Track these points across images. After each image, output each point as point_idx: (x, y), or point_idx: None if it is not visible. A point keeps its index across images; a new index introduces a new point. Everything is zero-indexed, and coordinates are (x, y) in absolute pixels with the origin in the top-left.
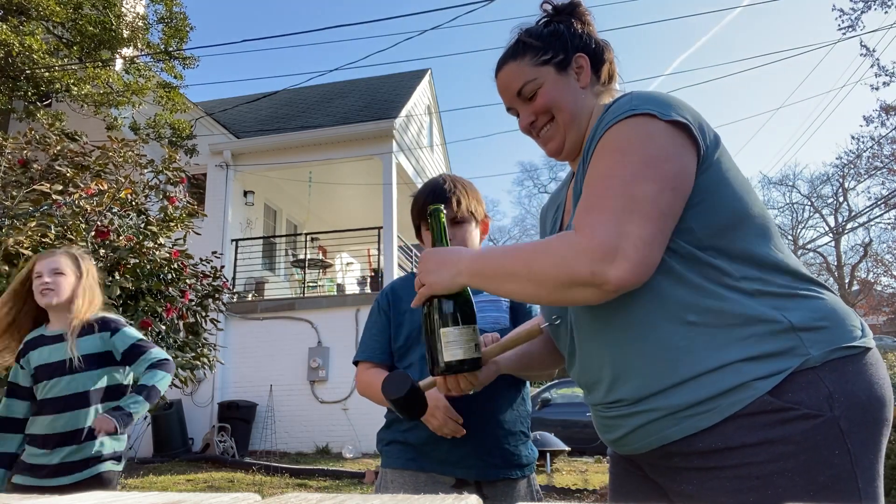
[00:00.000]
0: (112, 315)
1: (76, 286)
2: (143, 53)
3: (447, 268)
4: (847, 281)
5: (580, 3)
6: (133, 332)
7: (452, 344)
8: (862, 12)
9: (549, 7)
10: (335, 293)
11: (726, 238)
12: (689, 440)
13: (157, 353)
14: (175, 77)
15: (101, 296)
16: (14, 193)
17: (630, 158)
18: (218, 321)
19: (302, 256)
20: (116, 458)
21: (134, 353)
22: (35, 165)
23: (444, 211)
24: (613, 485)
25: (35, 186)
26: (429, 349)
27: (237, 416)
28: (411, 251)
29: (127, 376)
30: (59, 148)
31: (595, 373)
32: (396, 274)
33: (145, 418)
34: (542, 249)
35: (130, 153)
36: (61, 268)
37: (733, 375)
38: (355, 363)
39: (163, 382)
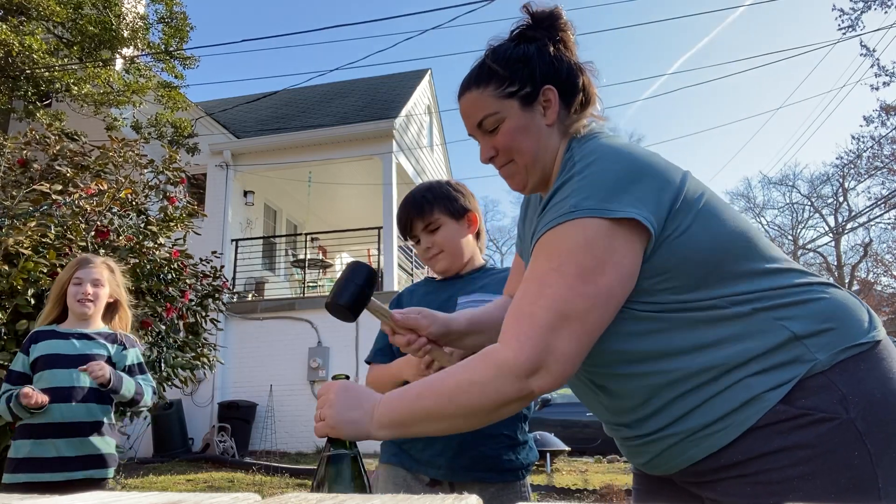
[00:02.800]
0: (133, 335)
1: (109, 297)
2: (143, 53)
3: (358, 411)
4: (847, 281)
5: (561, 14)
6: (139, 354)
7: None
8: (862, 12)
9: (527, 13)
10: None
11: (711, 283)
12: (713, 457)
13: (150, 379)
14: (175, 77)
15: (131, 309)
16: (14, 193)
17: (564, 269)
18: (218, 321)
19: (302, 256)
20: (113, 459)
21: (137, 369)
22: (35, 165)
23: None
24: (637, 483)
25: (35, 186)
26: None
27: (237, 416)
28: (411, 251)
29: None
30: (58, 148)
31: (611, 417)
32: (396, 274)
33: (145, 418)
34: (466, 380)
35: (130, 153)
36: (101, 279)
37: (743, 391)
38: (368, 363)
39: (149, 395)
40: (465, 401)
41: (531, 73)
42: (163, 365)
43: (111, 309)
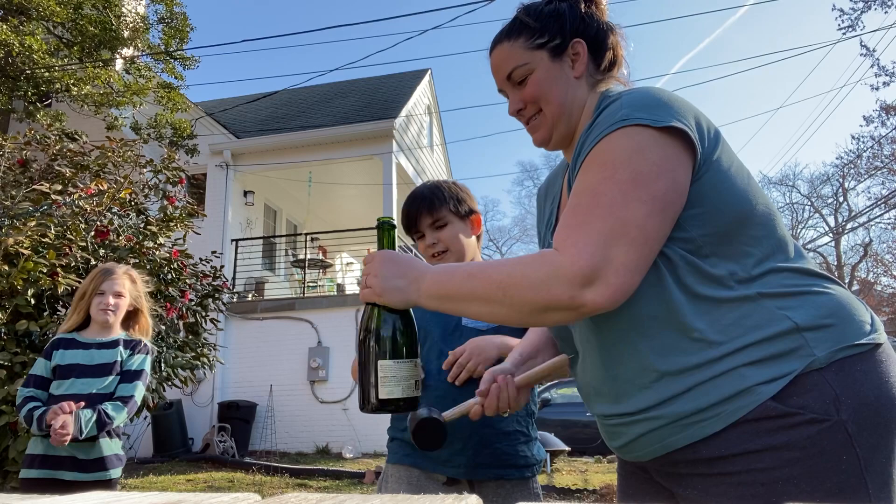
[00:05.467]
0: (149, 342)
1: (129, 305)
2: (143, 53)
3: (404, 280)
4: (847, 281)
5: None
6: (148, 363)
7: (390, 380)
8: (862, 12)
9: None
10: (335, 293)
11: (727, 243)
12: (693, 447)
13: (141, 389)
14: (175, 77)
15: (151, 317)
16: (14, 193)
17: (619, 176)
18: (218, 321)
19: (302, 256)
20: (120, 459)
21: (131, 376)
22: (35, 165)
23: (395, 225)
24: (621, 486)
25: (35, 186)
26: (361, 380)
27: (237, 416)
28: (411, 251)
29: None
30: (58, 148)
31: (598, 386)
32: None
33: (145, 418)
34: (520, 273)
35: (129, 153)
36: (122, 290)
37: (736, 380)
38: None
39: (121, 415)
40: (514, 292)
41: (561, 25)
42: (163, 365)
43: (131, 316)
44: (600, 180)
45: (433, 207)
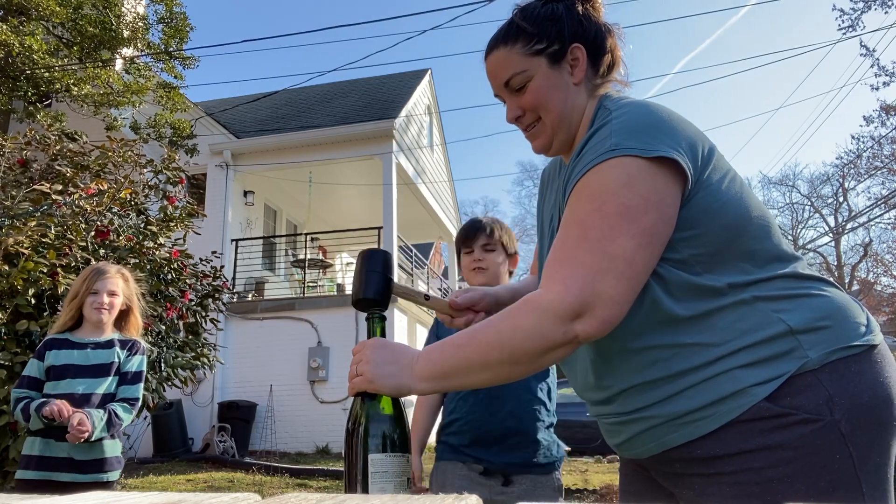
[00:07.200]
0: (143, 341)
1: (122, 304)
2: (143, 53)
3: (395, 365)
4: (847, 281)
5: None
6: (144, 362)
7: (380, 476)
8: (862, 12)
9: None
10: (335, 293)
11: (720, 260)
12: (689, 446)
13: (140, 390)
14: (175, 77)
15: (142, 317)
16: (14, 193)
17: (607, 209)
18: (218, 321)
19: (302, 256)
20: (119, 462)
21: (132, 377)
22: (35, 165)
23: (385, 317)
24: (623, 485)
25: (35, 186)
26: (348, 476)
27: (237, 416)
28: (411, 251)
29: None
30: (58, 148)
31: (595, 391)
32: (396, 274)
33: (145, 418)
34: (510, 327)
35: (130, 153)
36: (116, 290)
37: (730, 382)
38: None
39: (127, 415)
40: (509, 348)
41: (559, 30)
42: (163, 365)
43: (122, 315)
44: (588, 213)
45: (492, 233)
